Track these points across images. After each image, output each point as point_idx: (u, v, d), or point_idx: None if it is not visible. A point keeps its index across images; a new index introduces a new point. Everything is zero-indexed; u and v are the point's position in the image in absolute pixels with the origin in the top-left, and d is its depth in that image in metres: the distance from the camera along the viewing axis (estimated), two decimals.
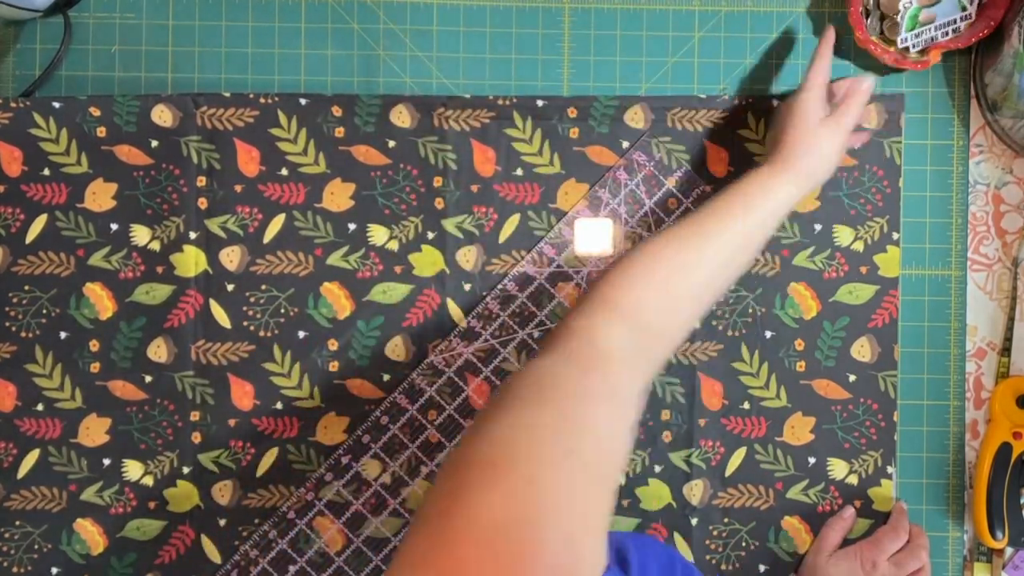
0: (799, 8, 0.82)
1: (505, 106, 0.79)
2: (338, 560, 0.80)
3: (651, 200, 0.81)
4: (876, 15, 0.80)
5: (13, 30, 0.81)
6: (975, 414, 0.82)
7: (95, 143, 0.78)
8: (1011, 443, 0.79)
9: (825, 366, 0.81)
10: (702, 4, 0.82)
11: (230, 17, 0.81)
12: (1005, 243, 0.82)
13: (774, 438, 0.81)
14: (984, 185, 0.82)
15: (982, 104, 0.81)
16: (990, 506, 0.79)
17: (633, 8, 0.82)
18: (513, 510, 0.40)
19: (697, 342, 0.80)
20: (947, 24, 0.79)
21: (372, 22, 0.81)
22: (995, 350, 0.82)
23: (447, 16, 0.81)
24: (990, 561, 0.82)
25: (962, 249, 0.82)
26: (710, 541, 0.80)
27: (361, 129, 0.79)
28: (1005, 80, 0.76)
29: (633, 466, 0.80)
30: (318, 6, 0.81)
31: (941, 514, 0.82)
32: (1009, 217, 0.82)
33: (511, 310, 0.80)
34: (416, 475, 0.80)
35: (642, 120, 0.80)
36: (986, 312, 0.82)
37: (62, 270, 0.79)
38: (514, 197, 0.80)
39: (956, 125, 0.82)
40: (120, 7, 0.81)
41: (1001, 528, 0.79)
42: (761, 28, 0.82)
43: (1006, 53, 0.75)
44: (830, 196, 0.80)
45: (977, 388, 0.82)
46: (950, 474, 0.82)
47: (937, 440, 0.82)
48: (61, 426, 0.79)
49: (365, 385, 0.80)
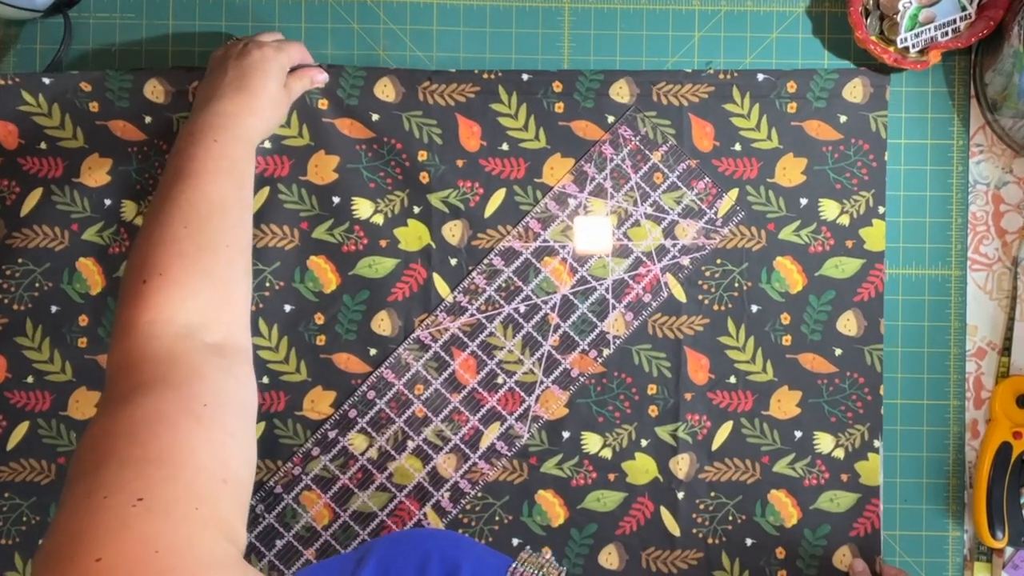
0: (799, 8, 0.82)
1: (490, 80, 0.80)
2: (325, 534, 0.80)
3: (637, 175, 0.81)
4: (876, 15, 0.80)
5: (13, 30, 0.82)
6: (975, 414, 0.82)
7: (89, 117, 0.79)
8: (1011, 443, 0.79)
9: (811, 340, 0.81)
10: (702, 4, 0.82)
11: (230, 18, 0.82)
12: (1005, 243, 0.82)
13: (760, 412, 0.81)
14: (984, 185, 0.82)
15: (982, 104, 0.81)
16: (990, 506, 0.79)
17: (633, 8, 0.82)
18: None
19: (683, 316, 0.81)
20: (947, 24, 0.79)
21: (372, 22, 0.82)
22: (995, 350, 0.82)
23: (447, 16, 0.82)
24: (990, 561, 0.81)
25: (962, 249, 0.82)
26: (696, 515, 0.80)
27: (345, 102, 0.80)
28: (1005, 80, 0.76)
29: (620, 440, 0.80)
30: (318, 6, 0.82)
31: (941, 514, 0.82)
32: (1009, 217, 0.82)
33: (497, 284, 0.81)
34: (402, 450, 0.80)
35: (627, 95, 0.80)
36: (986, 312, 0.82)
37: (56, 244, 0.80)
38: (500, 172, 0.81)
39: (956, 125, 0.82)
40: (120, 7, 0.82)
41: (1001, 528, 0.79)
42: (761, 28, 0.82)
43: (1006, 53, 0.75)
44: (816, 170, 0.80)
45: (977, 388, 0.82)
46: (950, 474, 0.82)
47: (937, 440, 0.82)
48: (51, 399, 0.79)
49: (351, 359, 0.80)
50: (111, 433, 0.48)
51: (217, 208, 0.63)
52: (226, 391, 0.54)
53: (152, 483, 0.44)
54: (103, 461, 0.45)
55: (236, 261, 0.63)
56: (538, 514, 0.80)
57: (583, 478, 0.80)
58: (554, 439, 0.80)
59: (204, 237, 0.61)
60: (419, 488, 0.80)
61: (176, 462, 0.46)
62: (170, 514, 0.43)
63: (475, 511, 0.80)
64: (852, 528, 0.80)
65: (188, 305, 0.57)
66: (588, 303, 0.81)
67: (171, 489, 0.45)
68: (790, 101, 0.80)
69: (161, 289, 0.57)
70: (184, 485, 0.45)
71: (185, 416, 0.49)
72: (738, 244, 0.81)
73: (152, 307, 0.56)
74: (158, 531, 0.42)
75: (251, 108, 0.70)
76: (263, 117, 0.71)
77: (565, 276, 0.80)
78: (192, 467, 0.47)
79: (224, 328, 0.59)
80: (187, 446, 0.48)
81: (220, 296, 0.60)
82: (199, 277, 0.59)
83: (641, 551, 0.80)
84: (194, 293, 0.58)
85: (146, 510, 0.42)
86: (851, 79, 0.80)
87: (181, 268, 0.58)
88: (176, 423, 0.49)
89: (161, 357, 0.54)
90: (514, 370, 0.80)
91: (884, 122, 0.80)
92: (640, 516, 0.80)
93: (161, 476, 0.45)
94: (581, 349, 0.80)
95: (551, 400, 0.80)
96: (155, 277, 0.58)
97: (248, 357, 0.60)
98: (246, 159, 0.68)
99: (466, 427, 0.80)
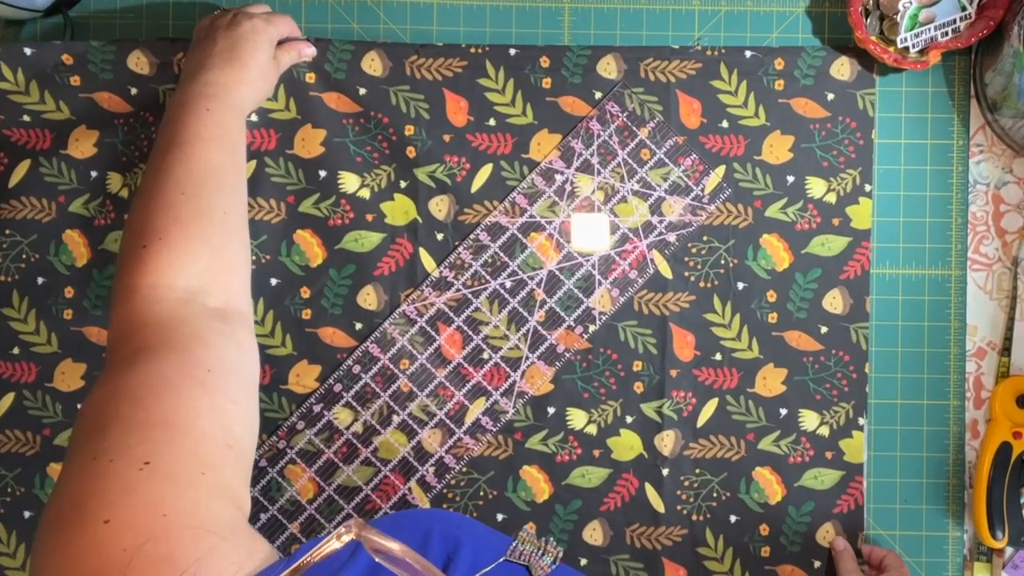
0: (799, 8, 0.82)
1: (477, 55, 0.80)
2: (309, 508, 0.80)
3: (624, 151, 0.81)
4: (876, 15, 0.80)
5: (13, 30, 0.82)
6: (975, 414, 0.82)
7: (72, 91, 0.79)
8: (1011, 443, 0.79)
9: (797, 317, 0.81)
10: (702, 4, 0.82)
11: None
12: (1005, 243, 0.82)
13: (746, 389, 0.81)
14: (984, 185, 0.82)
15: (982, 104, 0.81)
16: (990, 506, 0.79)
17: (633, 8, 0.82)
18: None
19: (669, 293, 0.81)
20: (947, 24, 0.78)
21: (372, 22, 0.82)
22: (995, 350, 0.82)
23: (447, 16, 0.82)
24: (990, 561, 0.81)
25: (962, 249, 0.82)
26: (681, 491, 0.80)
27: (332, 76, 0.80)
28: (1005, 80, 0.75)
29: (605, 416, 0.81)
30: (318, 6, 0.82)
31: (941, 514, 0.82)
32: (1009, 217, 0.82)
33: (483, 260, 0.81)
34: (387, 424, 0.80)
35: (615, 71, 0.80)
36: (986, 312, 0.82)
37: (43, 215, 0.80)
38: (487, 147, 0.81)
39: (956, 125, 0.82)
40: (120, 7, 0.82)
41: (1001, 528, 0.79)
42: (761, 28, 0.82)
43: (1006, 53, 0.75)
44: (803, 148, 0.80)
45: (977, 388, 0.82)
46: (950, 474, 0.82)
47: (937, 440, 0.82)
48: (36, 370, 0.80)
49: (337, 334, 0.80)
50: (115, 397, 0.48)
51: (212, 174, 0.63)
52: (229, 357, 0.54)
53: (157, 447, 0.44)
54: (107, 425, 0.46)
55: (233, 227, 0.63)
56: (523, 490, 0.80)
57: (568, 454, 0.81)
58: (539, 415, 0.80)
59: (200, 203, 0.61)
60: (404, 463, 0.80)
61: (180, 427, 0.47)
62: (177, 478, 0.43)
63: (460, 486, 0.81)
64: (836, 505, 0.80)
65: (188, 270, 0.58)
66: (574, 279, 0.81)
67: (177, 453, 0.45)
68: (777, 78, 0.80)
69: (161, 253, 0.57)
70: (189, 450, 0.45)
71: (189, 381, 0.50)
72: (725, 221, 0.81)
73: (153, 271, 0.57)
74: (165, 495, 0.42)
75: (241, 78, 0.70)
76: (254, 87, 0.71)
77: (551, 252, 0.80)
78: (196, 432, 0.47)
79: (224, 293, 0.59)
80: (191, 411, 0.48)
81: (218, 261, 0.60)
82: (198, 242, 0.59)
83: (625, 527, 0.80)
84: (194, 258, 0.58)
85: (152, 474, 0.43)
86: (838, 56, 0.80)
87: (179, 233, 0.59)
88: (180, 388, 0.49)
89: (164, 321, 0.54)
90: (500, 345, 0.80)
91: (872, 100, 0.80)
92: (625, 492, 0.80)
93: (166, 440, 0.45)
94: (567, 325, 0.80)
95: (536, 376, 0.80)
96: (155, 241, 0.58)
97: (249, 323, 0.61)
98: (238, 128, 0.68)
99: (451, 402, 0.80)
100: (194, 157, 0.63)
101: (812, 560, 0.80)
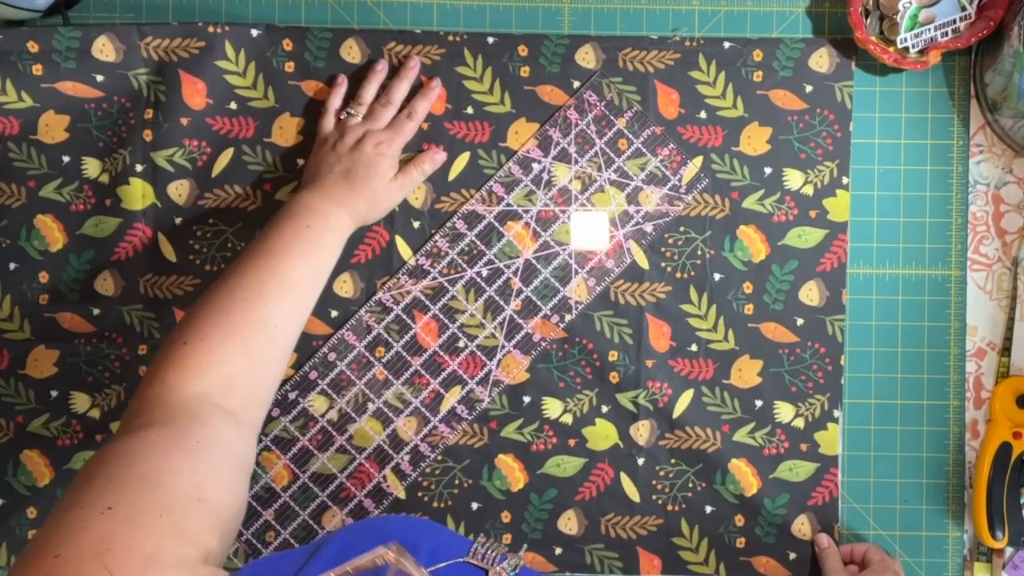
0: (799, 8, 0.82)
1: (455, 42, 0.80)
2: (284, 495, 0.80)
3: (601, 140, 0.81)
4: (876, 15, 0.79)
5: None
6: (975, 414, 0.82)
7: (33, 81, 0.78)
8: (1011, 443, 0.79)
9: (773, 309, 0.81)
10: (702, 4, 0.82)
11: (230, 18, 0.80)
12: (1005, 243, 0.82)
13: (721, 380, 0.81)
14: (984, 185, 0.82)
15: (982, 104, 0.81)
16: (990, 506, 0.79)
17: (633, 8, 0.81)
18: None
19: (646, 283, 0.80)
20: (947, 24, 0.78)
21: (372, 22, 0.81)
22: (995, 350, 0.82)
23: (447, 16, 0.81)
24: (990, 561, 0.81)
25: (962, 249, 0.82)
26: (656, 482, 0.80)
27: (311, 64, 0.79)
28: (1005, 80, 0.75)
29: (580, 406, 0.80)
30: (318, 6, 0.81)
31: (941, 514, 0.82)
32: (1009, 217, 0.82)
33: (460, 248, 0.80)
34: (363, 412, 0.80)
35: (593, 60, 0.80)
36: (986, 312, 0.82)
37: (13, 201, 0.79)
38: (464, 135, 0.80)
39: (956, 125, 0.82)
40: (120, 7, 0.81)
41: (1001, 528, 0.79)
42: (761, 28, 0.82)
43: (1006, 53, 0.74)
44: (780, 139, 0.80)
45: (977, 388, 0.82)
46: (950, 474, 0.82)
47: (937, 440, 0.82)
48: (8, 357, 0.79)
49: (313, 321, 0.80)
50: (107, 458, 0.51)
51: (282, 288, 0.66)
52: (222, 436, 0.57)
53: (126, 497, 0.47)
54: (91, 480, 0.49)
55: (279, 341, 0.65)
56: (498, 478, 0.80)
57: (543, 443, 0.80)
58: (515, 404, 0.80)
59: (256, 313, 0.64)
60: (379, 450, 0.80)
61: (153, 480, 0.49)
62: (133, 521, 0.46)
63: (435, 474, 0.80)
64: (811, 497, 0.80)
65: (215, 370, 0.60)
66: (551, 268, 0.80)
67: (142, 502, 0.47)
68: (756, 69, 0.80)
69: (197, 352, 0.61)
70: (155, 499, 0.48)
71: (176, 448, 0.53)
72: (702, 212, 0.81)
73: (183, 367, 0.60)
74: (115, 532, 0.45)
75: (351, 202, 0.73)
76: (364, 212, 0.74)
77: (528, 241, 0.80)
78: (168, 485, 0.50)
79: (243, 400, 0.62)
80: (169, 470, 0.51)
81: (251, 371, 0.63)
82: (236, 348, 0.62)
83: (600, 517, 0.80)
84: (227, 362, 0.61)
85: (111, 517, 0.46)
86: (817, 48, 0.80)
87: (220, 337, 0.62)
88: (166, 452, 0.52)
89: (172, 404, 0.58)
90: (476, 334, 0.80)
91: (850, 92, 0.80)
92: (600, 482, 0.80)
93: (136, 491, 0.48)
94: (543, 314, 0.80)
95: (512, 365, 0.80)
96: (195, 341, 0.61)
97: (255, 431, 0.63)
98: (332, 247, 0.71)
99: (427, 390, 0.80)
100: (272, 268, 0.66)
101: (787, 552, 0.80)
